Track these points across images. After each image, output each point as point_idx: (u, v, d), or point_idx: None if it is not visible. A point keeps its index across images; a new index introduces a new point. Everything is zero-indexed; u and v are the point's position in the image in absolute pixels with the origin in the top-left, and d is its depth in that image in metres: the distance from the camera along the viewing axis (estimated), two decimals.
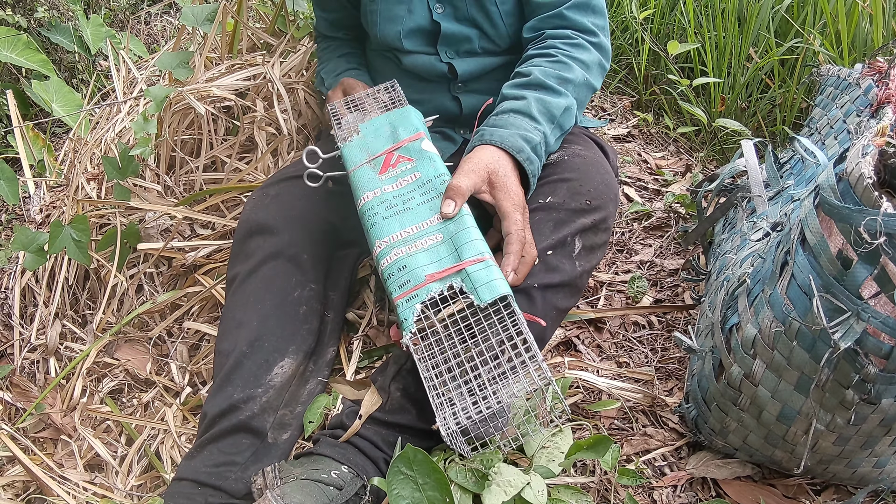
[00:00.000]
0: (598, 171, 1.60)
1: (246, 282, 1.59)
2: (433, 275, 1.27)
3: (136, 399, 1.80)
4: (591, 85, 1.64)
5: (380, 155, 1.51)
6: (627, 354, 1.65)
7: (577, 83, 1.59)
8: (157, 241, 2.03)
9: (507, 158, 1.43)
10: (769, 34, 2.67)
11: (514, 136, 1.45)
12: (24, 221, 2.83)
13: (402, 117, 1.58)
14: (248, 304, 1.56)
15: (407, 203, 1.40)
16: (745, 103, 2.70)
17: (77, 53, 3.85)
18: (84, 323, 2.10)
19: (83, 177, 2.23)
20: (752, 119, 2.65)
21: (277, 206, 1.66)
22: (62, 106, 3.18)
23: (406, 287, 1.27)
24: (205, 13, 2.13)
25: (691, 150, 2.66)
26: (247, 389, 1.45)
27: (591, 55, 1.64)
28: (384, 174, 1.47)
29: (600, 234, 1.54)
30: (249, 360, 1.48)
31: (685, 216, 2.11)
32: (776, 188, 1.64)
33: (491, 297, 1.21)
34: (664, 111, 2.89)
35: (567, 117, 1.57)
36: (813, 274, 1.04)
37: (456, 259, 1.28)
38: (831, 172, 1.01)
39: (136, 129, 1.93)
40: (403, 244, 1.33)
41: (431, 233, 1.34)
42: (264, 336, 1.52)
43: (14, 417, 1.87)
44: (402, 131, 1.54)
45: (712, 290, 1.49)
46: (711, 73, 2.70)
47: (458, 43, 1.76)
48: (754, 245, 1.42)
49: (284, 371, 1.49)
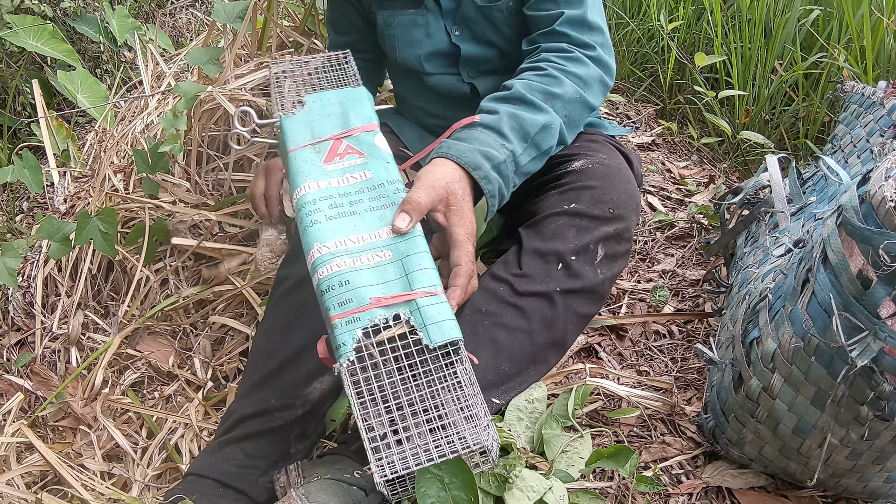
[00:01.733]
0: (621, 180, 1.63)
1: (301, 287, 1.54)
2: (380, 299, 1.13)
3: (158, 392, 1.84)
4: (587, 102, 1.59)
5: (326, 139, 1.35)
6: (648, 363, 1.69)
7: (568, 99, 1.54)
8: (185, 235, 2.07)
9: (466, 178, 1.35)
10: (794, 47, 2.70)
11: (474, 152, 1.37)
12: (46, 210, 2.88)
13: (355, 100, 1.43)
14: (300, 309, 1.51)
15: (354, 206, 1.26)
16: (769, 115, 2.73)
17: (102, 44, 3.90)
18: (106, 314, 2.13)
19: (110, 169, 2.28)
20: (776, 131, 2.69)
21: None
22: (87, 97, 3.22)
23: (347, 307, 1.13)
24: (236, 10, 2.17)
25: (714, 160, 2.70)
26: (285, 398, 1.43)
27: (588, 70, 1.60)
28: (329, 164, 1.32)
29: (622, 244, 1.57)
30: (293, 368, 1.46)
31: (708, 227, 2.15)
32: (799, 204, 1.68)
33: (442, 339, 1.10)
34: (688, 120, 2.93)
35: (545, 136, 1.50)
36: (833, 292, 1.09)
37: (406, 286, 1.15)
38: (854, 194, 1.06)
39: (166, 126, 1.96)
40: (348, 255, 1.18)
41: (380, 248, 1.20)
42: (311, 347, 1.44)
43: (34, 405, 1.90)
44: (353, 117, 1.39)
45: (734, 302, 1.54)
46: (737, 84, 2.73)
47: (478, 63, 1.80)
48: (776, 260, 1.46)
49: (323, 387, 1.47)
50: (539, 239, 1.52)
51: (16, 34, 3.39)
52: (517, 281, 1.47)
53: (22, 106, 3.64)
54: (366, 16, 1.90)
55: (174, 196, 2.11)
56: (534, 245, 1.51)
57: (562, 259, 1.48)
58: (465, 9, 1.75)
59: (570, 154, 1.73)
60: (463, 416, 1.08)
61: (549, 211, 1.56)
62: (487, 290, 1.49)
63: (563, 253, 1.48)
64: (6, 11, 3.54)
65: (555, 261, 1.48)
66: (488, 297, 1.48)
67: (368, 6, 1.85)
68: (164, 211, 2.11)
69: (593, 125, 1.93)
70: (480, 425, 1.08)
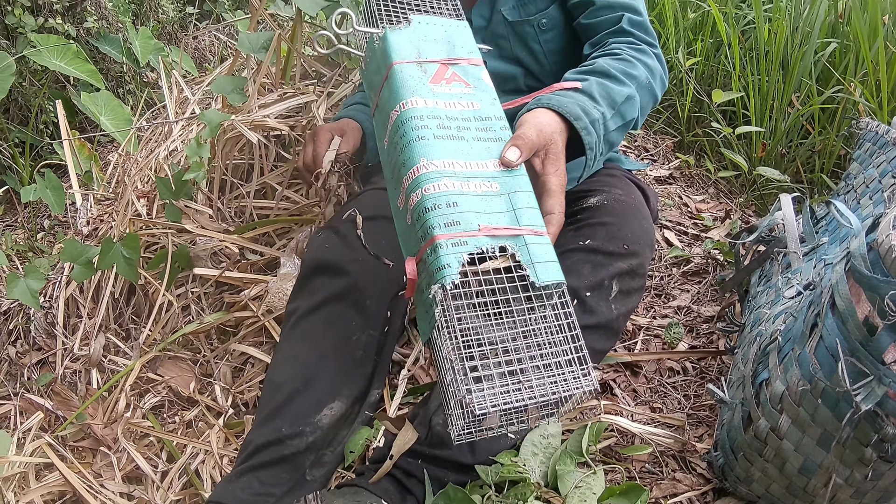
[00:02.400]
0: (636, 216, 1.69)
1: (307, 318, 1.63)
2: (488, 227, 1.09)
3: (178, 416, 1.87)
4: (654, 92, 1.66)
5: (433, 61, 1.31)
6: (661, 399, 1.72)
7: (641, 82, 1.59)
8: (206, 262, 2.12)
9: (563, 130, 1.37)
10: (811, 81, 2.74)
11: (574, 105, 1.40)
12: (67, 228, 2.94)
13: (461, 33, 1.40)
14: (306, 340, 1.60)
15: (462, 132, 1.22)
16: (786, 149, 2.77)
17: (125, 64, 3.96)
18: (127, 337, 2.17)
19: (134, 194, 2.33)
20: (791, 164, 2.73)
21: (345, 248, 1.69)
22: (110, 119, 3.27)
23: (454, 229, 1.08)
24: (260, 40, 2.21)
25: (731, 192, 2.74)
26: (295, 426, 1.48)
27: (654, 62, 1.68)
28: (436, 85, 1.27)
29: (637, 279, 1.62)
30: (302, 397, 1.51)
31: (723, 263, 2.19)
32: (811, 244, 1.72)
33: (549, 279, 1.07)
34: (706, 153, 2.97)
35: (629, 107, 1.53)
36: (840, 338, 1.13)
37: (513, 220, 1.12)
38: (863, 241, 1.10)
39: (190, 154, 2.01)
40: (456, 177, 1.14)
41: (487, 179, 1.17)
42: (320, 375, 1.55)
43: (54, 425, 1.94)
44: (459, 48, 1.36)
45: (745, 342, 1.58)
46: (753, 118, 2.78)
47: (503, 81, 1.85)
48: (787, 302, 1.51)
49: (333, 413, 1.52)
50: None
51: (39, 53, 3.45)
52: None
53: (44, 124, 3.69)
54: None
55: (197, 223, 2.16)
56: None
57: (577, 295, 1.53)
58: (495, 26, 1.83)
59: (587, 189, 1.78)
60: (550, 361, 1.06)
61: (565, 247, 1.61)
62: None
63: (577, 289, 1.53)
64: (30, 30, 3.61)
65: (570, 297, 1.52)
66: None
67: None
68: (186, 237, 2.16)
69: (612, 159, 1.98)
70: (567, 374, 1.05)
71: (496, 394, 1.01)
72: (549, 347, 1.07)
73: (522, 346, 1.06)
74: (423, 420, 1.49)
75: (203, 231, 2.12)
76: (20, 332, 2.32)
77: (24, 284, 2.05)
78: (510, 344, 1.06)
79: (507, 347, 1.05)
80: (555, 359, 1.07)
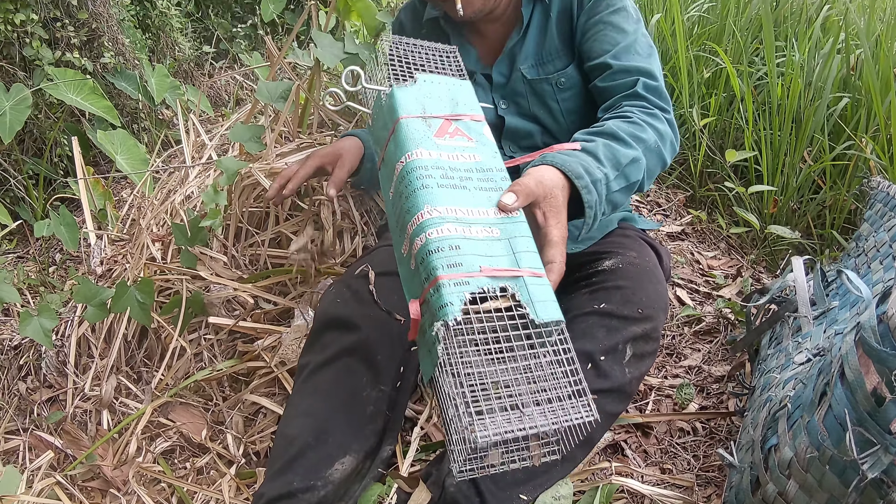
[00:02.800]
0: (650, 280, 1.71)
1: (318, 372, 1.66)
2: (489, 269, 1.14)
3: (189, 463, 1.88)
4: (662, 155, 1.68)
5: (437, 116, 1.39)
6: (671, 460, 1.74)
7: (649, 146, 1.62)
8: (220, 309, 2.15)
9: (565, 187, 1.41)
10: (823, 136, 2.77)
11: (576, 164, 1.44)
12: (79, 264, 2.97)
13: (463, 91, 1.49)
14: (318, 395, 1.62)
15: (464, 182, 1.28)
16: (797, 204, 2.81)
17: (140, 101, 4.01)
18: (138, 379, 2.20)
19: (149, 237, 2.37)
20: (802, 220, 2.76)
21: (357, 303, 1.72)
22: (126, 159, 3.30)
23: (457, 270, 1.12)
24: (279, 90, 2.25)
25: (742, 248, 2.77)
26: (307, 480, 1.49)
27: (664, 127, 1.70)
28: (440, 139, 1.34)
29: (651, 343, 1.65)
30: (313, 452, 1.53)
31: (734, 322, 2.21)
32: (822, 308, 1.75)
33: (548, 317, 1.11)
34: (718, 209, 3.01)
35: (634, 169, 1.57)
36: (848, 407, 1.16)
37: (514, 263, 1.16)
38: (873, 314, 1.14)
39: (207, 201, 2.05)
40: (458, 223, 1.19)
41: (489, 224, 1.22)
42: (331, 430, 1.57)
43: (63, 463, 1.96)
44: (462, 104, 1.44)
45: (755, 405, 1.60)
46: (765, 174, 2.81)
47: (520, 138, 1.91)
48: (797, 368, 1.54)
49: (345, 468, 1.53)
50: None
51: (56, 87, 3.49)
52: None
53: (59, 157, 3.74)
54: None
55: (211, 270, 2.20)
56: None
57: (591, 359, 1.55)
58: (514, 84, 1.88)
59: (602, 252, 1.81)
60: (551, 395, 1.08)
61: (580, 310, 1.64)
62: None
63: (592, 353, 1.56)
64: (47, 63, 3.66)
65: (584, 361, 1.55)
66: None
67: None
68: (200, 284, 2.19)
69: (626, 218, 2.02)
70: (567, 406, 1.07)
71: (497, 423, 1.03)
72: (548, 381, 1.10)
73: (523, 382, 1.09)
74: (436, 480, 1.51)
75: (217, 279, 2.16)
76: (31, 368, 2.34)
77: (37, 323, 2.08)
78: (511, 379, 1.09)
79: (508, 383, 1.08)
80: (555, 392, 1.09)
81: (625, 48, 1.79)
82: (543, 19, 1.89)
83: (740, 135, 3.11)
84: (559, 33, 1.88)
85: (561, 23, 1.88)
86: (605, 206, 1.52)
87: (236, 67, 4.75)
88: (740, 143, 3.11)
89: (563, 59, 1.88)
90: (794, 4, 3.66)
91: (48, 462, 1.92)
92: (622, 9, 1.82)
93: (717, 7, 3.76)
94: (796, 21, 3.53)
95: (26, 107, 3.31)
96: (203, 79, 4.59)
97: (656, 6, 4.03)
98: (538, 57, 1.89)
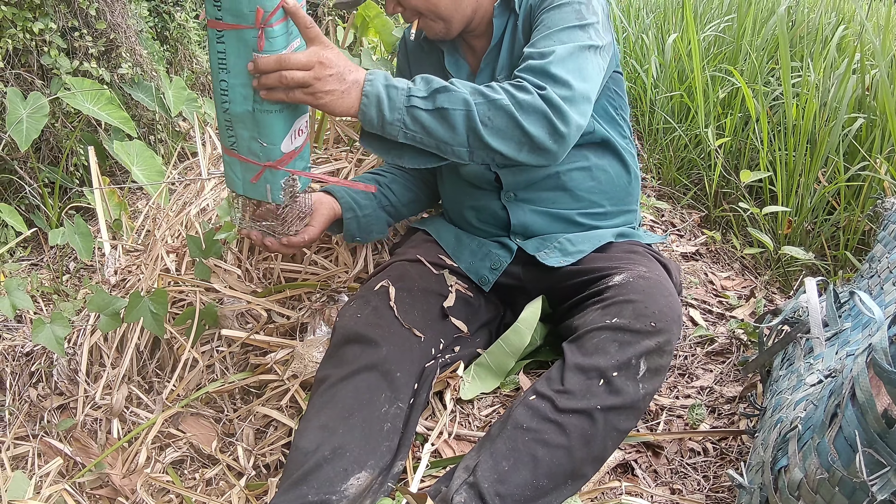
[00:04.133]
0: (662, 293, 1.71)
1: (337, 387, 1.66)
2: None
3: (199, 474, 1.90)
4: (521, 124, 1.62)
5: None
6: (681, 480, 1.73)
7: (494, 102, 1.60)
8: (233, 322, 2.17)
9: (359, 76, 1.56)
10: (838, 157, 2.78)
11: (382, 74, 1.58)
12: (93, 273, 2.99)
13: None
14: (336, 409, 1.63)
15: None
16: (810, 225, 2.81)
17: (157, 112, 4.04)
18: (149, 389, 2.22)
19: (163, 249, 2.39)
20: (816, 240, 2.77)
21: (377, 318, 1.75)
22: (142, 170, 3.33)
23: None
24: None
25: (756, 268, 2.78)
26: (322, 494, 1.49)
27: (530, 97, 1.62)
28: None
29: (664, 357, 1.64)
30: (329, 466, 1.53)
31: (747, 343, 2.22)
32: (834, 329, 1.75)
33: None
34: (732, 229, 3.02)
35: (446, 96, 1.59)
36: (859, 429, 1.17)
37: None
38: (885, 335, 1.14)
39: (222, 214, 2.07)
40: None
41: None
42: (348, 445, 1.57)
43: (71, 471, 1.99)
44: None
45: (766, 426, 1.60)
46: (780, 195, 2.82)
47: None
48: (808, 389, 1.54)
49: (360, 483, 1.53)
50: (581, 354, 1.60)
51: (73, 96, 3.53)
52: (559, 397, 1.55)
53: (75, 166, 3.77)
54: None
55: (225, 283, 2.21)
56: (576, 361, 1.59)
57: (603, 375, 1.56)
58: None
59: (611, 267, 1.83)
60: None
61: (592, 326, 1.64)
62: (530, 406, 1.56)
63: (604, 369, 1.56)
64: (65, 72, 3.69)
65: (596, 377, 1.56)
66: (531, 413, 1.55)
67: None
68: (214, 296, 2.21)
69: (629, 235, 2.03)
70: None
71: None
72: None
73: None
74: (445, 497, 1.51)
75: (231, 291, 2.17)
76: (42, 375, 2.37)
77: (49, 331, 2.10)
78: None
79: None
80: None
81: (544, 36, 1.76)
82: (514, 29, 1.92)
83: (755, 155, 3.12)
84: (525, 39, 1.90)
85: (525, 29, 1.90)
86: (406, 117, 1.58)
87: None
88: (755, 164, 3.12)
89: None
90: (810, 24, 3.68)
91: (57, 469, 1.94)
92: (566, 4, 1.79)
93: (732, 27, 3.78)
94: (812, 41, 3.54)
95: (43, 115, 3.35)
96: None
97: (673, 26, 4.05)
98: (512, 67, 1.91)
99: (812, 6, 3.99)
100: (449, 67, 2.01)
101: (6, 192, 3.64)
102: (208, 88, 4.55)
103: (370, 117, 1.57)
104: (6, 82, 3.59)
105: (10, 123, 3.28)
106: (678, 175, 3.44)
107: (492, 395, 1.92)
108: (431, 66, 2.05)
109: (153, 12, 4.51)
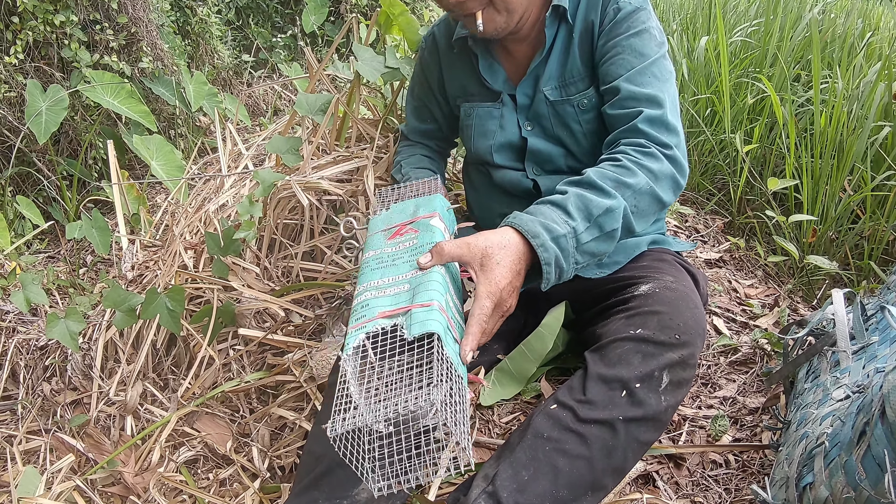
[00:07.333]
0: (687, 305, 1.68)
1: None
2: (385, 312, 1.39)
3: (213, 474, 1.89)
4: (658, 196, 1.67)
5: (394, 226, 1.67)
6: (703, 493, 1.71)
7: (638, 189, 1.62)
8: (251, 321, 2.16)
9: (519, 244, 1.51)
10: (864, 165, 2.75)
11: (535, 223, 1.52)
12: (109, 267, 2.99)
13: (427, 201, 1.74)
14: None
15: (395, 261, 1.54)
16: (835, 234, 2.79)
17: (177, 107, 4.04)
18: (164, 387, 2.21)
19: (181, 245, 2.38)
20: (840, 249, 2.74)
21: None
22: (162, 165, 3.33)
23: (360, 320, 1.39)
24: (318, 103, 2.26)
25: (779, 276, 2.76)
26: (333, 498, 1.49)
27: (661, 166, 1.67)
28: (391, 240, 1.62)
29: (688, 370, 1.61)
30: (341, 470, 1.51)
31: (770, 353, 2.19)
32: (861, 343, 1.73)
33: (420, 332, 1.31)
34: (756, 236, 2.99)
35: (608, 218, 1.59)
36: (888, 448, 1.15)
37: (408, 302, 1.40)
38: None
39: (242, 212, 2.06)
40: (376, 289, 1.47)
41: (402, 283, 1.46)
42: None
43: (83, 467, 1.98)
44: (421, 211, 1.69)
45: (791, 440, 1.59)
46: (805, 203, 2.79)
47: (543, 160, 1.91)
48: (835, 404, 1.52)
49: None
50: (604, 364, 1.58)
51: (93, 90, 3.53)
52: (580, 407, 1.53)
53: (94, 160, 3.78)
54: (447, 109, 2.12)
55: (243, 281, 2.20)
56: (599, 370, 1.57)
57: (626, 386, 1.53)
58: (538, 105, 1.89)
59: (638, 276, 1.80)
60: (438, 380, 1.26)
61: (616, 336, 1.62)
62: (551, 415, 1.54)
63: (627, 380, 1.54)
64: (85, 66, 3.69)
65: (619, 388, 1.53)
66: (551, 422, 1.53)
67: (454, 99, 2.07)
68: (232, 294, 2.20)
69: (659, 241, 2.00)
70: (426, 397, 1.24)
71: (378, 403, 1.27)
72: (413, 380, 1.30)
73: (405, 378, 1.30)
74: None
75: (249, 290, 2.16)
76: (56, 369, 2.37)
77: (63, 326, 2.10)
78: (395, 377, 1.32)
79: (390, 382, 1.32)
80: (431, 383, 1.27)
81: (639, 72, 1.77)
82: (567, 40, 1.88)
83: (780, 162, 3.10)
84: (581, 54, 1.87)
85: (583, 44, 1.87)
86: (578, 257, 1.58)
87: (275, 77, 4.78)
88: (779, 171, 3.09)
89: (585, 80, 1.87)
90: (837, 30, 3.64)
91: (69, 465, 1.94)
92: (645, 31, 1.80)
93: (759, 31, 3.75)
94: (839, 47, 3.51)
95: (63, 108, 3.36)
96: (241, 87, 4.62)
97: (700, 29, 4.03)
98: (561, 78, 1.89)
99: (839, 12, 3.96)
100: (483, 72, 1.97)
101: (24, 185, 3.65)
102: (229, 84, 4.54)
103: (551, 281, 1.56)
104: (26, 74, 3.60)
105: (29, 116, 3.29)
106: (702, 180, 3.41)
107: (512, 401, 1.90)
108: (463, 70, 2.03)
109: (175, 6, 4.51)
